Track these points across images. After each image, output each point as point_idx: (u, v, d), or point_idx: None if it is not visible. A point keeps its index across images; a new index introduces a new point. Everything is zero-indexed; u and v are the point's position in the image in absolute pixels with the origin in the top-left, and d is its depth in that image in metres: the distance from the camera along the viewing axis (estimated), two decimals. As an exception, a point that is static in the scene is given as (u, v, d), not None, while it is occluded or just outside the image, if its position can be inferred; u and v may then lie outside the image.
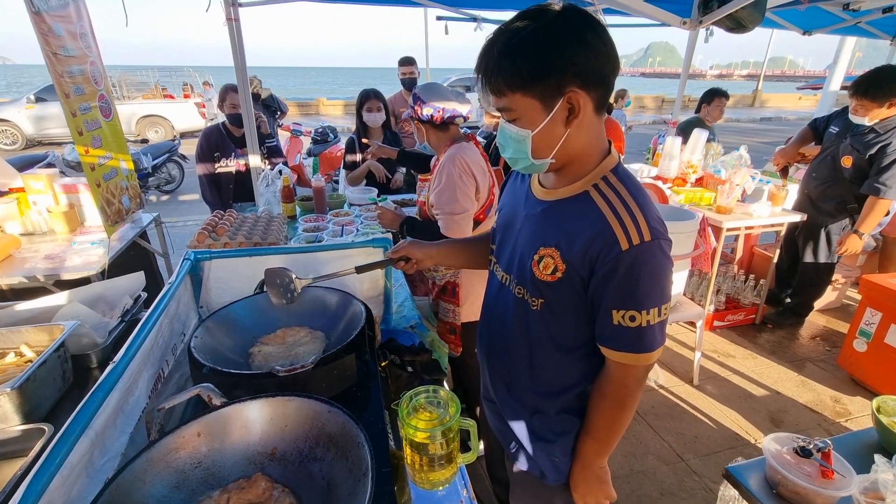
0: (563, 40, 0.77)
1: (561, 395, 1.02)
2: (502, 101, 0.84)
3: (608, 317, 0.86)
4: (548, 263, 0.91)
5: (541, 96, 0.81)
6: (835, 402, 2.68)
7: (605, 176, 0.89)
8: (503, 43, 0.79)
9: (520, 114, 0.84)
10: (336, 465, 0.81)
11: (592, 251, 0.84)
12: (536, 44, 0.77)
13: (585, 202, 0.88)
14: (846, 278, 3.61)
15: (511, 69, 0.79)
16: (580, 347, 0.97)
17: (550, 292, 0.92)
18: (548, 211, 0.94)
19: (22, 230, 2.41)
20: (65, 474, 0.67)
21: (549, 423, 1.05)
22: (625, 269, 0.82)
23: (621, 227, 0.82)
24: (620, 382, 0.93)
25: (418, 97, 1.82)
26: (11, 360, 1.24)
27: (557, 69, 0.78)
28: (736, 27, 2.22)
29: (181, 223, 5.66)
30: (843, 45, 6.18)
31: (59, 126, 10.14)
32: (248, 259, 1.44)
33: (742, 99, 21.16)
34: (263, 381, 1.01)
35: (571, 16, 0.79)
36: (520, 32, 0.78)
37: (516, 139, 0.86)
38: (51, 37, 1.97)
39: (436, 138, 1.90)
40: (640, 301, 0.83)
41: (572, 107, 0.81)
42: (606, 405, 0.96)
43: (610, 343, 0.89)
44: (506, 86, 0.81)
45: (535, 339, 1.00)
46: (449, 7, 3.84)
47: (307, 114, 16.16)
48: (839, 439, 1.23)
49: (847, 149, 2.82)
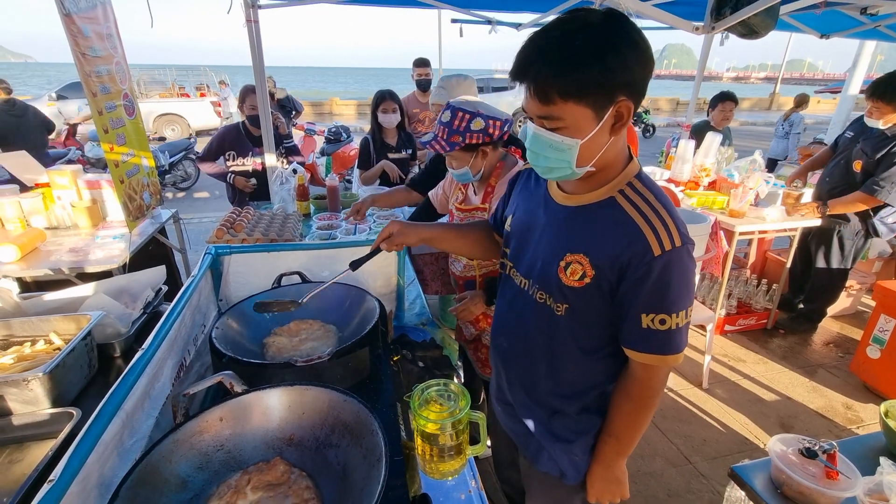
0: (617, 48, 0.75)
1: (582, 395, 1.03)
2: (550, 109, 0.81)
3: (636, 320, 0.87)
4: (575, 269, 0.91)
5: (593, 105, 0.79)
6: (846, 408, 2.66)
7: (630, 182, 0.89)
8: (555, 49, 0.76)
9: (568, 122, 0.81)
10: (351, 452, 0.85)
11: (624, 257, 0.85)
12: (594, 51, 0.75)
13: (613, 208, 0.89)
14: (861, 285, 3.56)
15: (566, 77, 0.76)
16: (602, 349, 0.98)
17: (576, 298, 0.93)
18: (572, 217, 0.94)
19: (47, 224, 2.50)
20: (99, 452, 0.71)
21: (570, 423, 1.06)
22: (656, 274, 0.83)
23: (653, 233, 0.83)
24: (646, 383, 0.94)
25: (463, 110, 1.47)
26: (41, 347, 1.30)
27: (613, 77, 0.76)
28: (748, 33, 2.22)
29: (196, 219, 5.77)
30: (862, 48, 6.08)
31: (79, 123, 10.36)
32: (266, 254, 1.49)
33: (759, 102, 20.89)
34: (281, 370, 1.05)
35: (620, 21, 0.77)
36: (573, 39, 0.75)
37: (559, 148, 0.84)
38: (80, 38, 2.04)
39: (484, 160, 1.55)
40: (670, 305, 0.85)
41: (619, 115, 0.81)
42: (630, 406, 0.97)
43: (638, 346, 0.90)
44: (558, 94, 0.78)
45: (557, 343, 1.00)
46: (463, 9, 3.87)
47: (320, 113, 16.30)
48: (846, 442, 1.24)
49: (858, 153, 2.82)
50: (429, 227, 1.18)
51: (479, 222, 1.28)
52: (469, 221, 1.22)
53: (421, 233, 1.16)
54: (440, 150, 1.50)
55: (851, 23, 4.11)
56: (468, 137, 1.46)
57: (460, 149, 1.49)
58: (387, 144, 3.23)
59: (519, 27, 4.39)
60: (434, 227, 1.19)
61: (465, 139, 1.46)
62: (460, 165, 1.54)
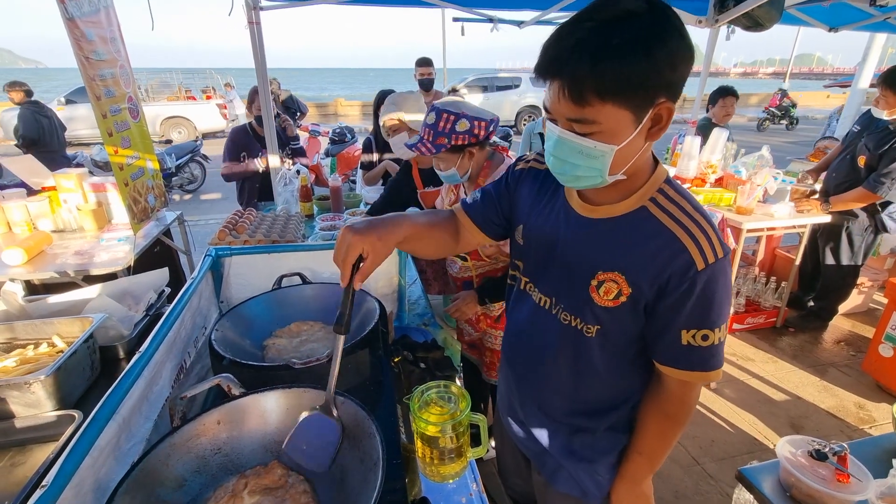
0: (665, 41, 0.66)
1: (608, 413, 0.97)
2: (584, 111, 0.70)
3: (676, 337, 0.82)
4: (610, 288, 0.83)
5: (634, 107, 0.70)
6: (858, 408, 2.61)
7: (661, 188, 0.82)
8: (595, 42, 0.66)
9: (604, 126, 0.71)
10: (348, 455, 0.84)
11: (665, 273, 0.78)
12: (641, 45, 0.65)
13: (646, 219, 0.81)
14: (873, 281, 3.50)
15: (607, 74, 0.66)
16: (631, 365, 0.93)
17: (610, 318, 0.86)
18: (600, 230, 0.85)
19: (53, 227, 2.52)
20: (94, 456, 0.71)
21: (594, 442, 1.00)
22: (700, 288, 0.77)
23: (695, 246, 0.77)
24: (682, 400, 0.88)
25: (448, 111, 1.46)
26: (44, 349, 1.31)
27: (659, 75, 0.68)
28: (753, 25, 2.18)
29: (202, 221, 5.81)
30: (872, 41, 5.98)
31: (87, 127, 10.48)
32: (267, 256, 1.48)
33: (766, 98, 20.61)
34: (280, 372, 1.04)
35: (665, 10, 0.68)
36: (616, 30, 0.65)
37: (591, 155, 0.74)
38: (83, 42, 2.05)
39: (471, 160, 1.54)
40: (714, 319, 0.80)
41: (658, 117, 0.73)
42: (666, 424, 0.91)
43: (678, 363, 0.84)
44: (596, 94, 0.68)
45: (583, 364, 0.93)
46: (465, 8, 3.86)
47: (325, 114, 16.36)
48: (857, 444, 1.21)
49: (862, 148, 2.80)
50: (392, 229, 0.87)
51: (441, 218, 1.07)
52: (430, 211, 1.05)
53: (388, 235, 0.86)
54: (426, 152, 1.49)
55: (860, 15, 4.04)
56: (454, 139, 1.46)
57: (446, 150, 1.48)
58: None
59: (521, 25, 4.36)
60: (397, 229, 0.89)
61: (450, 140, 1.46)
62: (448, 167, 1.54)
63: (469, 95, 12.37)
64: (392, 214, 0.93)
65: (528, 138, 4.02)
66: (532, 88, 13.07)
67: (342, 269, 0.82)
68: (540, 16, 4.04)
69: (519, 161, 1.04)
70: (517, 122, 12.97)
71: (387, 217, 0.90)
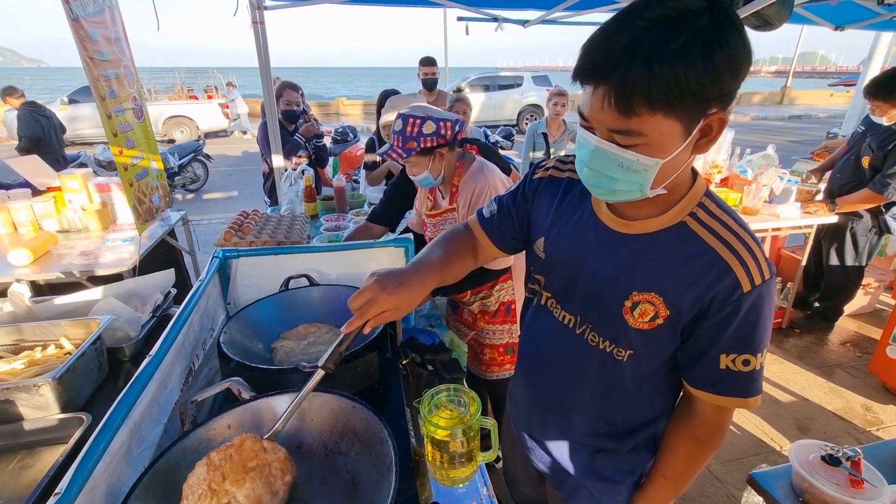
0: (727, 43, 0.59)
1: (634, 434, 0.94)
2: (630, 121, 0.63)
3: (714, 361, 0.77)
4: (645, 310, 0.78)
5: (685, 118, 0.63)
6: (866, 410, 2.60)
7: (702, 202, 0.76)
8: (650, 45, 0.58)
9: (650, 139, 0.64)
10: (360, 460, 0.83)
11: (708, 295, 0.73)
12: (702, 48, 0.58)
13: (686, 236, 0.75)
14: (879, 282, 3.48)
15: (665, 83, 0.59)
16: (659, 385, 0.88)
17: (644, 341, 0.80)
18: (636, 247, 0.79)
19: (58, 227, 2.52)
20: (107, 461, 0.70)
21: (618, 463, 0.96)
22: (745, 312, 0.73)
23: (741, 266, 0.71)
24: (716, 426, 0.84)
25: (413, 116, 1.49)
26: (52, 351, 1.31)
27: (719, 83, 0.61)
28: (763, 25, 2.17)
29: (206, 221, 5.81)
30: (878, 40, 5.95)
31: (90, 127, 10.51)
32: (274, 257, 1.48)
33: (770, 96, 20.55)
34: (289, 375, 1.03)
35: (725, 8, 0.60)
36: (673, 31, 0.58)
37: (633, 169, 0.67)
38: (88, 42, 2.05)
39: (443, 161, 1.57)
40: (757, 344, 0.75)
41: (708, 128, 0.66)
42: (697, 450, 0.87)
43: (715, 388, 0.78)
44: (647, 104, 0.61)
45: (612, 386, 0.89)
46: (469, 7, 3.84)
47: (327, 113, 16.36)
48: (869, 448, 1.20)
49: (866, 149, 2.80)
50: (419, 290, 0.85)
51: (458, 245, 1.04)
52: (445, 238, 1.04)
53: (417, 294, 0.84)
54: (397, 158, 1.52)
55: (867, 13, 4.01)
56: (422, 141, 1.49)
57: (417, 154, 1.51)
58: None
59: (525, 24, 4.35)
60: (422, 278, 0.87)
61: (419, 143, 1.49)
62: (420, 171, 1.57)
63: (471, 94, 12.35)
64: (418, 263, 0.91)
65: (531, 138, 4.00)
66: (534, 87, 13.05)
67: (359, 318, 0.79)
68: (544, 15, 4.03)
69: (537, 169, 0.98)
70: (519, 121, 12.96)
71: (414, 272, 0.87)
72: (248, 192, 7.04)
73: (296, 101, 3.35)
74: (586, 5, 3.65)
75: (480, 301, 1.77)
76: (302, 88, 3.52)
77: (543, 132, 3.92)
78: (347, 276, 1.53)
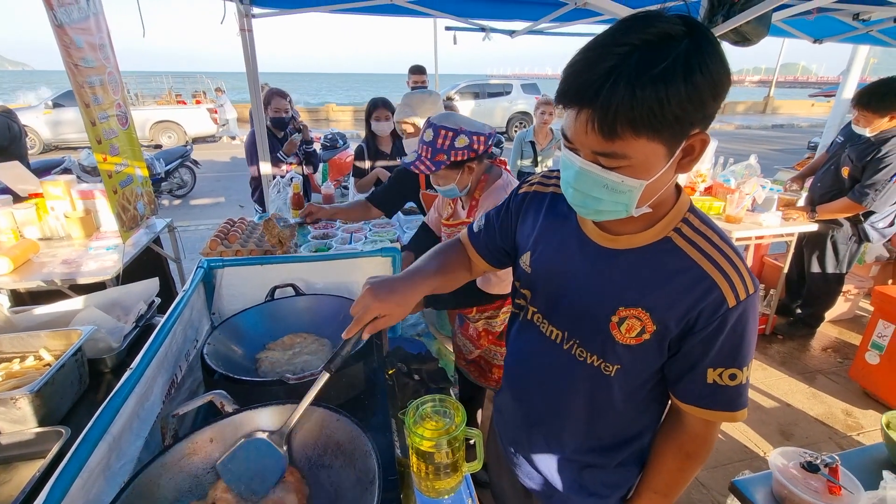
0: (708, 67, 0.60)
1: (622, 448, 0.94)
2: (614, 144, 0.64)
3: (700, 375, 0.78)
4: (632, 325, 0.78)
5: (668, 140, 0.64)
6: (846, 415, 2.65)
7: (686, 218, 0.78)
8: (633, 70, 0.59)
9: (635, 161, 0.65)
10: (343, 473, 0.83)
11: (695, 311, 0.74)
12: (683, 73, 0.59)
13: (672, 252, 0.76)
14: (858, 289, 3.56)
15: (647, 108, 0.60)
16: (646, 399, 0.89)
17: (631, 356, 0.81)
18: (621, 262, 0.80)
19: (40, 235, 2.48)
20: (84, 477, 0.69)
21: (605, 477, 0.97)
22: (730, 327, 0.74)
23: (726, 281, 0.73)
24: (703, 439, 0.85)
25: (445, 128, 1.43)
26: (31, 363, 1.28)
27: (700, 106, 0.62)
28: (741, 41, 2.23)
29: (192, 227, 5.75)
30: (856, 52, 6.12)
31: (74, 131, 10.37)
32: (260, 267, 1.47)
33: (753, 105, 21.00)
34: (273, 387, 1.03)
35: (704, 32, 0.62)
36: (655, 55, 0.59)
37: (618, 190, 0.69)
38: (72, 49, 2.03)
39: (471, 175, 1.53)
40: (743, 358, 0.76)
41: (691, 148, 0.68)
42: (685, 463, 0.88)
43: (702, 402, 0.79)
44: (630, 127, 0.62)
45: (599, 401, 0.89)
46: (458, 17, 3.88)
47: (317, 119, 16.33)
48: (847, 454, 1.22)
49: (846, 159, 2.86)
50: (412, 294, 0.89)
51: (453, 257, 1.07)
52: (441, 250, 1.07)
53: (409, 300, 0.88)
54: (425, 170, 1.46)
55: (844, 27, 4.13)
56: (453, 155, 1.43)
57: (446, 167, 1.45)
58: (381, 152, 3.24)
59: (513, 34, 4.40)
60: (418, 287, 0.91)
61: (449, 157, 1.43)
62: (447, 183, 1.52)
63: (460, 102, 12.43)
64: (412, 271, 0.94)
65: (518, 146, 4.04)
66: (523, 95, 13.19)
67: (356, 325, 0.83)
68: (531, 26, 4.08)
69: (522, 184, 1.00)
70: (508, 128, 13.07)
71: (407, 279, 0.90)
72: (235, 197, 6.99)
73: (284, 109, 3.35)
74: (572, 17, 3.71)
75: (486, 320, 1.75)
76: (290, 95, 3.52)
77: (531, 140, 3.96)
78: (334, 285, 1.52)
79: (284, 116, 3.36)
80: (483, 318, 1.76)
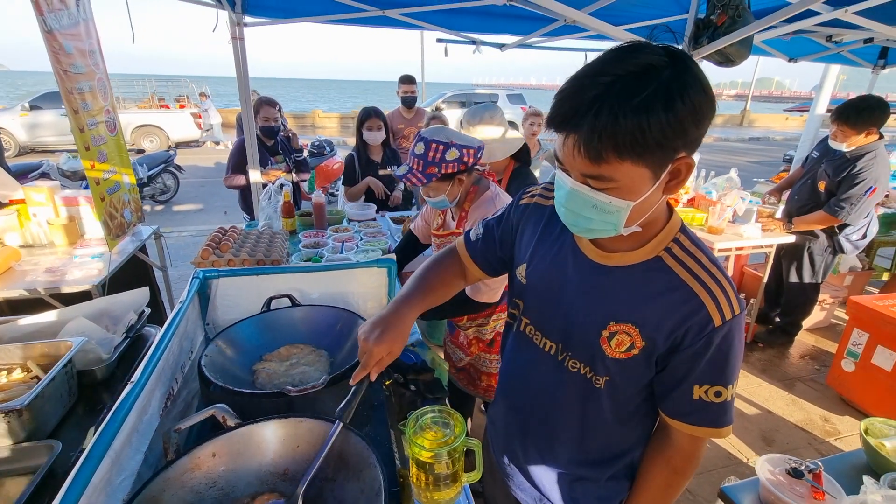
0: (688, 96, 0.63)
1: (613, 462, 0.96)
2: (601, 168, 0.67)
3: (687, 392, 0.80)
4: (622, 340, 0.81)
5: (653, 164, 0.68)
6: (824, 421, 2.73)
7: (677, 238, 0.81)
8: (615, 98, 0.63)
9: (622, 183, 0.69)
10: (347, 485, 0.83)
11: (682, 329, 0.77)
12: (664, 102, 0.62)
13: (662, 271, 0.79)
14: (833, 298, 3.69)
15: (630, 135, 0.63)
16: (637, 415, 0.92)
17: (620, 370, 0.83)
18: (613, 279, 0.82)
19: (22, 242, 2.41)
20: (88, 494, 0.69)
21: (596, 491, 0.99)
22: (716, 345, 0.77)
23: (713, 301, 0.76)
24: (691, 454, 0.87)
25: (437, 141, 1.48)
26: (18, 376, 1.25)
27: (682, 133, 0.65)
28: (724, 61, 2.33)
29: (175, 233, 5.65)
30: (828, 70, 6.38)
31: (52, 134, 10.13)
32: (255, 277, 1.46)
33: (731, 118, 21.65)
34: (273, 400, 1.03)
35: (686, 62, 0.65)
36: (637, 85, 0.63)
37: (606, 210, 0.72)
38: (62, 55, 2.00)
39: (461, 186, 1.58)
40: (728, 376, 0.79)
41: (677, 172, 0.71)
42: (672, 478, 0.90)
43: (688, 418, 0.82)
44: (614, 152, 0.65)
45: (590, 413, 0.91)
46: (449, 30, 3.94)
47: (303, 126, 16.24)
48: (829, 460, 1.27)
49: (822, 174, 2.98)
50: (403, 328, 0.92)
51: (447, 268, 1.10)
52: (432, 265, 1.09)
53: (403, 332, 0.91)
54: (416, 182, 1.51)
55: (817, 48, 4.32)
56: (444, 168, 1.48)
57: (437, 179, 1.50)
58: (372, 161, 3.26)
59: (503, 48, 4.47)
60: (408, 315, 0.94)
61: (440, 170, 1.48)
62: (437, 194, 1.56)
63: (447, 111, 12.52)
64: (399, 301, 0.96)
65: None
66: (509, 105, 13.32)
67: (362, 370, 0.87)
68: (521, 40, 4.16)
69: (523, 195, 1.02)
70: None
71: (395, 312, 0.93)
72: (220, 203, 6.89)
73: (273, 117, 3.34)
74: (560, 32, 3.80)
75: (476, 327, 1.77)
76: (279, 104, 3.52)
77: (520, 151, 4.01)
78: (330, 295, 1.53)
79: (274, 125, 3.36)
80: (474, 326, 1.78)
